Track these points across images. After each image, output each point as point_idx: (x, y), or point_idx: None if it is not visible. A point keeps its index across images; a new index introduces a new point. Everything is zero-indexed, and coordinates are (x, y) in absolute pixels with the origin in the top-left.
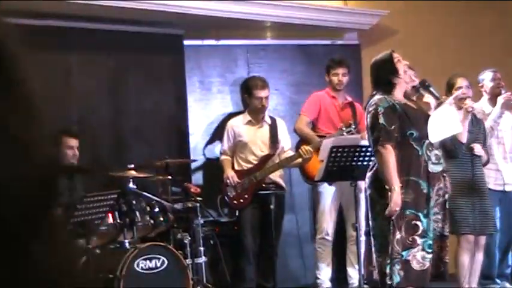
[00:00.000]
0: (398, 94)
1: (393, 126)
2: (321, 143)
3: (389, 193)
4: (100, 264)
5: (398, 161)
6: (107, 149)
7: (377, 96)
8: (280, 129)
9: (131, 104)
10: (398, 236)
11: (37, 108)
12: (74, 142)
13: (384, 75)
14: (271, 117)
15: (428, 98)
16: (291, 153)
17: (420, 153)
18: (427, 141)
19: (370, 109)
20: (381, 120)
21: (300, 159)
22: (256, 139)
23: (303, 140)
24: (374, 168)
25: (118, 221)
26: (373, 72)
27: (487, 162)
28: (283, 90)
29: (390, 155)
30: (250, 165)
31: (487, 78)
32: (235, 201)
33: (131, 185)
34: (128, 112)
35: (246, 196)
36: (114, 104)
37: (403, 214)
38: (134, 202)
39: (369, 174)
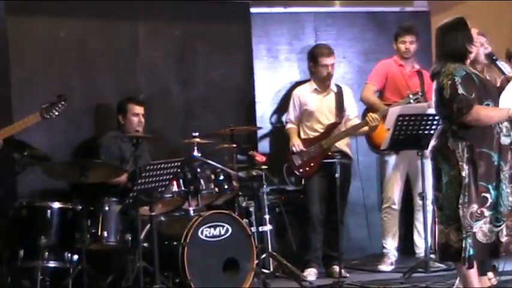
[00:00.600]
0: (469, 63)
1: (473, 95)
2: (388, 111)
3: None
4: (165, 231)
5: (473, 131)
6: (174, 118)
7: (450, 65)
8: (346, 97)
9: (198, 72)
10: (472, 208)
11: None
12: (139, 109)
13: (459, 43)
14: (337, 85)
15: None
16: (357, 121)
17: (493, 124)
18: None
19: (445, 79)
20: (460, 90)
21: (366, 127)
22: (322, 107)
23: (369, 109)
24: (438, 139)
25: (183, 188)
26: (445, 38)
27: None
28: (351, 58)
29: (481, 110)
30: (316, 134)
31: None
32: (301, 170)
33: (196, 152)
34: (195, 81)
35: (312, 164)
36: (181, 73)
37: (476, 186)
38: (199, 170)
39: (432, 143)
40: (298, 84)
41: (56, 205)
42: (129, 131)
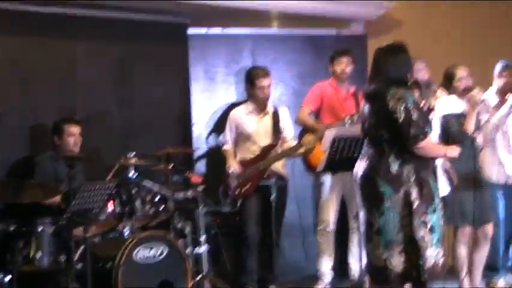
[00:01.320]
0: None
1: (421, 122)
2: (325, 130)
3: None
4: (99, 252)
5: (414, 158)
6: (112, 138)
7: (399, 89)
8: (283, 118)
9: (136, 93)
10: (422, 232)
11: None
12: (76, 129)
13: (402, 68)
14: (274, 106)
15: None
16: (294, 142)
17: None
18: None
19: (397, 103)
20: (414, 116)
21: (302, 149)
22: (259, 129)
23: (305, 130)
24: (375, 163)
25: (118, 209)
26: (387, 61)
27: None
28: (288, 81)
29: (430, 142)
30: (252, 156)
31: (496, 69)
32: (237, 192)
33: (131, 173)
34: (133, 101)
35: (248, 186)
36: (119, 93)
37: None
38: (134, 191)
39: (365, 167)
40: (235, 105)
41: None
42: (65, 151)
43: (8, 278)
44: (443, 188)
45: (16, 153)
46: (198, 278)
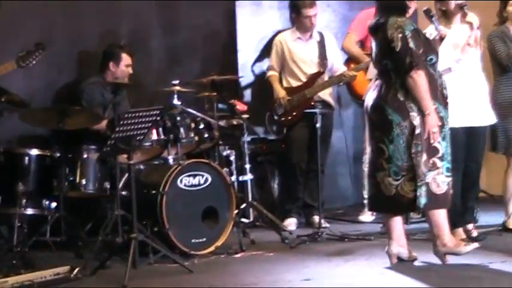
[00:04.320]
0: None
1: (421, 50)
2: (370, 62)
3: (413, 116)
4: (144, 179)
5: None
6: (157, 64)
7: (397, 18)
8: (329, 45)
9: (180, 18)
10: (424, 157)
11: None
12: (131, 60)
13: None
14: (320, 33)
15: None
16: (343, 69)
17: (436, 77)
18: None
19: (395, 32)
20: (411, 44)
21: (343, 81)
22: (305, 55)
23: (351, 59)
24: (383, 91)
25: (162, 137)
26: None
27: None
28: (335, 7)
29: (423, 79)
30: (298, 83)
31: None
32: (283, 119)
33: (176, 101)
34: (177, 26)
35: (295, 114)
36: (163, 18)
37: (428, 136)
38: (179, 118)
39: (375, 96)
40: (280, 32)
41: (34, 152)
42: (116, 78)
43: (54, 204)
44: (491, 116)
45: (62, 79)
46: (243, 206)
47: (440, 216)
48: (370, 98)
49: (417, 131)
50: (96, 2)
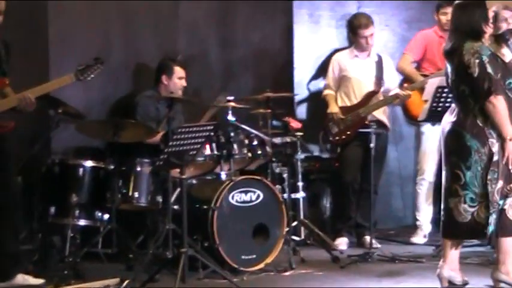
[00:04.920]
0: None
1: (499, 75)
2: (425, 82)
3: (492, 143)
4: (196, 194)
5: None
6: (212, 79)
7: (473, 43)
8: (386, 67)
9: (239, 35)
10: (499, 185)
11: None
12: (183, 73)
13: (477, 21)
14: (378, 55)
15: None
16: (394, 92)
17: None
18: None
19: (472, 58)
20: (489, 69)
21: (397, 101)
22: (361, 74)
23: (406, 79)
24: (462, 117)
25: (215, 152)
26: (462, 15)
27: None
28: (394, 27)
29: (502, 104)
30: (354, 101)
31: None
32: (337, 137)
33: (230, 116)
34: (234, 43)
35: (349, 133)
36: (220, 34)
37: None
38: (232, 134)
39: (452, 121)
40: (338, 51)
41: (89, 163)
42: (169, 92)
43: (106, 216)
44: None
45: (118, 93)
46: (294, 223)
47: (509, 243)
48: (446, 123)
49: (495, 157)
50: (154, 17)
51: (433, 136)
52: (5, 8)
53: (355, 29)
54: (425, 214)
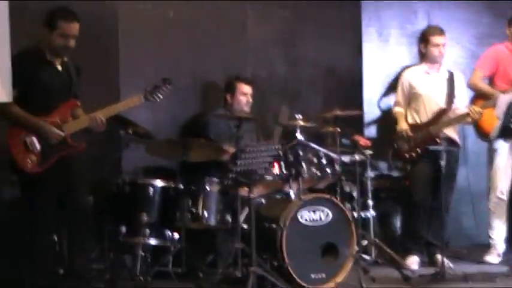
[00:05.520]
0: None
1: None
2: (498, 98)
3: None
4: (265, 213)
5: None
6: (280, 99)
7: None
8: (458, 84)
9: (307, 54)
10: None
11: None
12: (248, 89)
13: None
14: (449, 71)
15: None
16: (465, 110)
17: None
18: None
19: None
20: None
21: (469, 119)
22: (432, 91)
23: (478, 95)
24: None
25: (284, 171)
26: None
27: None
28: (464, 43)
29: None
30: (423, 119)
31: None
32: (407, 155)
33: (299, 135)
34: (303, 62)
35: (419, 150)
36: (288, 54)
37: None
38: (301, 153)
39: None
40: (407, 68)
41: (158, 183)
42: (236, 110)
43: (176, 235)
44: None
45: (187, 113)
46: (364, 243)
47: None
48: None
49: None
50: (222, 37)
51: (506, 152)
52: (77, 31)
53: (427, 37)
54: (499, 232)
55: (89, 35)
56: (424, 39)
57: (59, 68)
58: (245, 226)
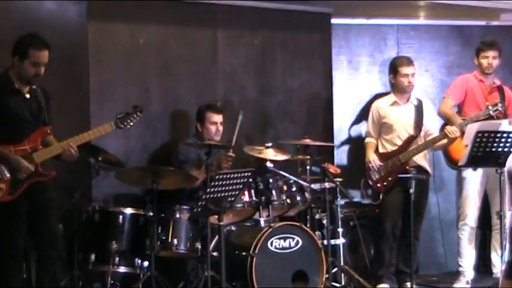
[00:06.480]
0: None
1: None
2: (466, 126)
3: None
4: (235, 240)
5: None
6: (251, 126)
7: None
8: (426, 111)
9: (277, 81)
10: None
11: None
12: (218, 118)
13: None
14: (417, 99)
15: None
16: (436, 135)
17: None
18: None
19: None
20: None
21: (445, 140)
22: (402, 120)
23: (447, 123)
24: None
25: (254, 198)
26: None
27: None
28: (433, 72)
29: None
30: (394, 148)
31: None
32: (378, 185)
33: (269, 163)
34: (274, 90)
35: (390, 179)
36: (259, 82)
37: None
38: (271, 180)
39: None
40: (378, 96)
41: (128, 211)
42: (206, 138)
43: (146, 263)
44: None
45: (157, 141)
46: (334, 270)
47: None
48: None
49: None
50: (192, 65)
51: (475, 181)
52: (47, 59)
53: (397, 67)
54: (468, 260)
55: (59, 61)
56: (393, 69)
57: (27, 95)
58: (215, 254)
